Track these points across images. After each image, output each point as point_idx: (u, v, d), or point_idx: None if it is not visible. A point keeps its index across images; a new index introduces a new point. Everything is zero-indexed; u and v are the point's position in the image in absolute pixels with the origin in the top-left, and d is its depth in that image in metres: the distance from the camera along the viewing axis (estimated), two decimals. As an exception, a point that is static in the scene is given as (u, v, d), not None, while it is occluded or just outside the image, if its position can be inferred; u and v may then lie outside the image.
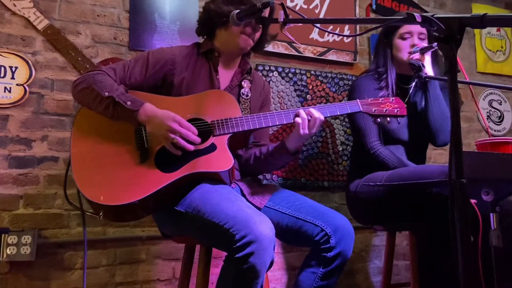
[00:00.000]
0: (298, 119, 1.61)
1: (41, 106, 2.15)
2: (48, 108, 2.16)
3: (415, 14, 1.05)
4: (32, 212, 2.08)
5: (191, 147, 1.54)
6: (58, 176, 2.12)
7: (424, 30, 2.10)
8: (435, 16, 1.01)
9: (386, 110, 1.72)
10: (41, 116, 2.14)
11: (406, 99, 2.18)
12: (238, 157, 1.81)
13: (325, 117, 1.66)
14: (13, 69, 2.10)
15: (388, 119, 1.74)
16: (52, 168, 2.13)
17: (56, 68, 2.19)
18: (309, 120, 1.61)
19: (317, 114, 1.62)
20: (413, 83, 2.19)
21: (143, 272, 2.25)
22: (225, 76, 1.82)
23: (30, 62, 2.13)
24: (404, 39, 2.10)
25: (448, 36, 0.98)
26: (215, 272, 1.79)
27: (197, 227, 1.52)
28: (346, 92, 2.81)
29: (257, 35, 1.79)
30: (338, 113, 1.71)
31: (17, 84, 2.10)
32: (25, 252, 1.97)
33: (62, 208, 2.13)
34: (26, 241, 1.98)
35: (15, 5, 2.12)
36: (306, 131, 1.62)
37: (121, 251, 2.22)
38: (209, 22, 1.79)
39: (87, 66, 2.20)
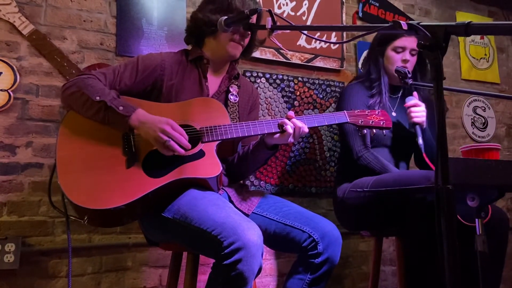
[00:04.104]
0: (289, 128, 1.61)
1: (26, 112, 2.12)
2: (32, 114, 2.13)
3: (401, 22, 1.06)
4: (16, 220, 2.05)
5: (182, 151, 1.53)
6: (42, 183, 2.09)
7: (415, 47, 2.14)
8: (420, 24, 1.02)
9: (372, 122, 1.76)
10: (25, 122, 2.11)
11: (395, 107, 2.21)
12: (225, 160, 1.81)
13: (313, 127, 1.68)
14: (-3, 74, 2.07)
15: (374, 130, 1.77)
16: (37, 174, 2.10)
17: (41, 74, 2.16)
18: (294, 130, 1.62)
19: (300, 124, 1.63)
20: (400, 93, 2.23)
21: (129, 280, 2.22)
22: (213, 82, 1.82)
23: (14, 67, 2.10)
24: (397, 52, 2.14)
25: (433, 44, 0.99)
26: (202, 279, 1.79)
27: (185, 234, 1.51)
28: (333, 98, 2.83)
29: (246, 41, 1.80)
30: (326, 124, 1.73)
31: (1, 90, 2.07)
32: (9, 260, 1.93)
33: (47, 215, 2.10)
34: (9, 249, 1.94)
35: (-1, 10, 2.10)
36: (292, 140, 1.63)
37: (107, 258, 2.19)
38: (197, 31, 1.80)
39: (73, 71, 2.18)
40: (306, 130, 1.64)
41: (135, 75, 1.70)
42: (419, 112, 2.04)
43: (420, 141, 1.97)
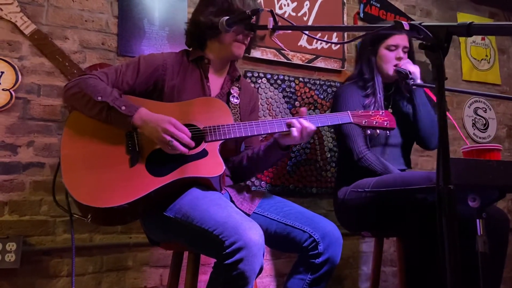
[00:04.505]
0: (295, 131, 1.61)
1: (27, 112, 2.12)
2: (34, 114, 2.13)
3: (403, 22, 1.06)
4: (17, 219, 2.05)
5: (185, 150, 1.54)
6: (44, 182, 2.10)
7: (407, 44, 2.16)
8: (422, 24, 1.02)
9: (376, 123, 1.75)
10: (27, 121, 2.12)
11: (390, 105, 2.22)
12: (229, 161, 1.81)
13: (316, 127, 1.68)
14: (-1, 74, 2.08)
15: (378, 131, 1.76)
16: (38, 174, 2.11)
17: (43, 73, 2.17)
18: (301, 129, 1.63)
19: (307, 124, 1.63)
20: (393, 89, 2.24)
21: (130, 280, 2.22)
22: (215, 83, 1.82)
23: (16, 67, 2.11)
24: (390, 50, 2.15)
25: (435, 44, 0.99)
26: (203, 279, 1.79)
27: (186, 233, 1.51)
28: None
29: (248, 40, 1.80)
30: (329, 124, 1.73)
31: (3, 89, 2.07)
32: (10, 260, 1.94)
33: (48, 214, 2.10)
34: (10, 248, 1.94)
35: (1, 10, 2.10)
36: (301, 139, 1.63)
37: (108, 258, 2.19)
38: (200, 34, 1.79)
39: (75, 71, 2.18)
40: (314, 127, 1.64)
41: (137, 75, 1.70)
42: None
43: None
